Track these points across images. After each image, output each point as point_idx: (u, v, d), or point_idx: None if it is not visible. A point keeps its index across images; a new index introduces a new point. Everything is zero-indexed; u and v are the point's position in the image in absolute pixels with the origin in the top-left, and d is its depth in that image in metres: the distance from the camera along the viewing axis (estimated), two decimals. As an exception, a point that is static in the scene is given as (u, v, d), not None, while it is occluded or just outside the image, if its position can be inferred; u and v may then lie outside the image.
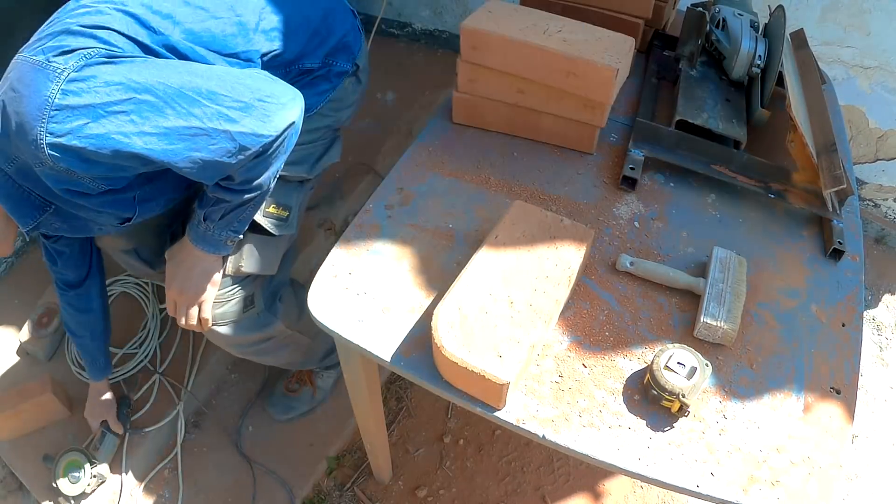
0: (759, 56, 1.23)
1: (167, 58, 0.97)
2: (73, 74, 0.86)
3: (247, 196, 1.07)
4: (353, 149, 2.33)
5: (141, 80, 0.89)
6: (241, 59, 1.05)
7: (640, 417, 0.84)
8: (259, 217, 1.19)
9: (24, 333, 1.77)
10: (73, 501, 1.54)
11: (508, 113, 1.19)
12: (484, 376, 0.78)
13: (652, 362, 0.83)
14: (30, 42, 0.93)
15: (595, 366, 0.89)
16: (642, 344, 0.92)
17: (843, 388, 0.89)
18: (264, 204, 1.19)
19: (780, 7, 1.27)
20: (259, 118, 0.94)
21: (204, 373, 1.80)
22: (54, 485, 1.51)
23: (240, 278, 1.26)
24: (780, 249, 1.07)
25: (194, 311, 1.22)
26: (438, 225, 1.05)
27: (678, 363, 0.82)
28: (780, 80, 1.19)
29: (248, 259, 1.23)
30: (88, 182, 0.94)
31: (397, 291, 0.96)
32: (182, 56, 0.99)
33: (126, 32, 0.93)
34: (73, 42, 0.89)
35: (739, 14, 1.30)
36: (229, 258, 1.22)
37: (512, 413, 0.84)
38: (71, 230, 1.15)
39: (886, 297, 2.22)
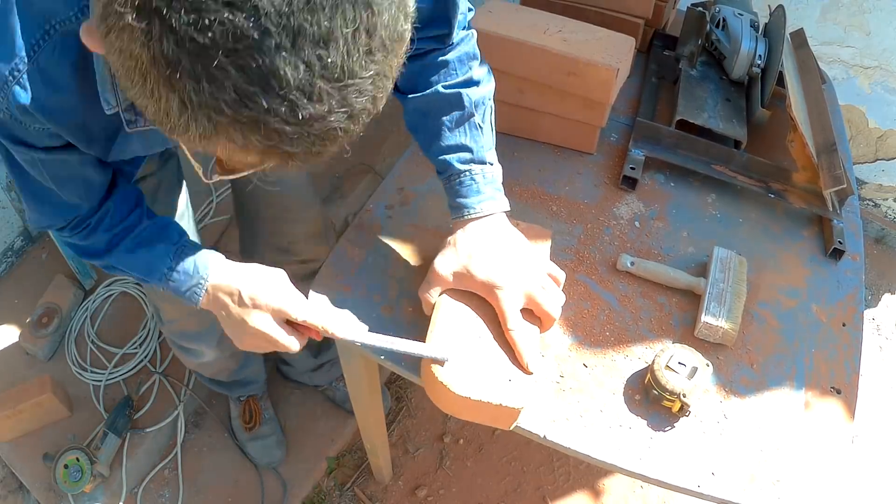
0: (760, 56, 1.23)
1: None
2: None
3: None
4: (353, 149, 2.33)
5: None
6: None
7: (641, 417, 0.84)
8: None
9: (24, 333, 1.77)
10: (73, 501, 1.54)
11: (508, 113, 1.19)
12: (501, 406, 0.74)
13: (653, 362, 0.83)
14: None
15: (596, 366, 0.89)
16: (643, 344, 0.92)
17: (843, 388, 0.89)
18: None
19: (780, 7, 1.27)
20: None
21: (204, 373, 1.80)
22: (54, 484, 1.51)
23: None
24: (781, 249, 1.07)
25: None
26: (439, 225, 1.05)
27: (679, 363, 0.82)
28: (781, 80, 1.20)
29: None
30: None
31: (398, 292, 0.96)
32: None
33: None
34: None
35: (739, 14, 1.30)
36: None
37: (513, 413, 0.84)
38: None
39: (886, 297, 2.22)
